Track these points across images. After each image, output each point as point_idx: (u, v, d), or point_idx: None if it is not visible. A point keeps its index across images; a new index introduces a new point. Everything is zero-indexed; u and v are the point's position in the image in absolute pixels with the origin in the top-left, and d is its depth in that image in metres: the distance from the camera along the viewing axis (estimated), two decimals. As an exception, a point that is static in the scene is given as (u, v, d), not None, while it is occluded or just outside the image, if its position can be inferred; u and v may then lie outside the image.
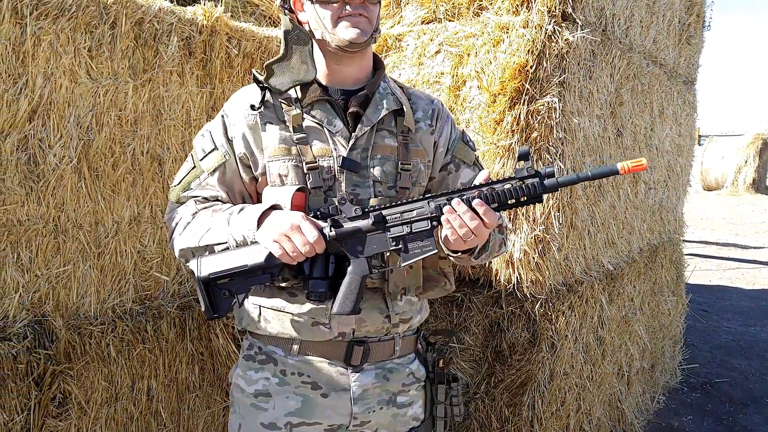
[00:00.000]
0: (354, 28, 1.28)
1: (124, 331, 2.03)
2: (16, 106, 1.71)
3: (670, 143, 3.68)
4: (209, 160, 1.33)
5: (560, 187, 1.21)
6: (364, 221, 1.24)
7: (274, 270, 1.23)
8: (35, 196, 1.80)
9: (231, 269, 1.21)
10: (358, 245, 1.24)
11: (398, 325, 1.38)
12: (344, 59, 1.34)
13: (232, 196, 1.36)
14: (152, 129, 2.08)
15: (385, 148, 1.36)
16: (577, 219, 2.50)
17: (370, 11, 1.30)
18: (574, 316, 2.54)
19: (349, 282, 1.23)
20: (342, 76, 1.37)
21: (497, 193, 1.21)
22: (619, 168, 1.16)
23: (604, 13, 2.57)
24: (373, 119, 1.35)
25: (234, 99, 1.38)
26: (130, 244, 2.06)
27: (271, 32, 2.45)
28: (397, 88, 1.45)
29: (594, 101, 2.57)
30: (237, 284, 1.23)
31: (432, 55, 2.54)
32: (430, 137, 1.43)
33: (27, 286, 1.80)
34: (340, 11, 1.28)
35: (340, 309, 1.22)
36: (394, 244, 1.24)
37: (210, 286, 1.23)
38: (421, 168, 1.40)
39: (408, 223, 1.23)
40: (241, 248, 1.23)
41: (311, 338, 1.32)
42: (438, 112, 1.47)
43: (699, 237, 10.85)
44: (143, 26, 2.02)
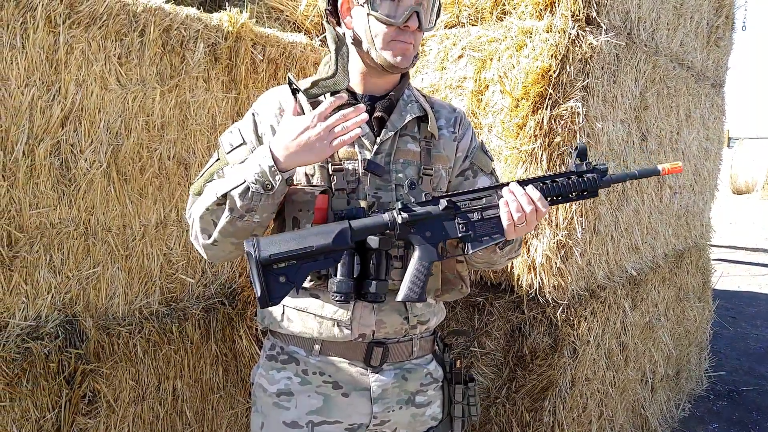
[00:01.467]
0: (401, 55, 1.32)
1: (151, 332, 2.08)
2: (50, 113, 1.76)
3: (696, 147, 3.62)
4: (237, 153, 1.34)
5: (613, 183, 1.30)
6: (434, 206, 1.25)
7: (339, 254, 1.19)
8: (67, 199, 1.85)
9: (293, 251, 1.14)
10: (427, 230, 1.25)
11: (416, 326, 1.40)
12: (378, 74, 1.38)
13: None
14: (179, 134, 2.12)
15: (407, 153, 1.39)
16: (600, 224, 2.49)
17: (416, 38, 1.34)
18: (596, 321, 2.52)
19: (417, 268, 1.24)
20: (372, 85, 1.41)
21: (560, 184, 1.27)
22: (660, 169, 1.29)
23: (630, 16, 2.55)
24: (398, 125, 1.38)
25: (264, 98, 1.41)
26: (156, 247, 2.11)
27: (295, 38, 2.48)
28: (420, 96, 1.48)
29: (618, 105, 2.55)
30: (297, 269, 1.15)
31: (455, 59, 2.54)
32: (452, 144, 1.46)
33: (59, 287, 1.86)
34: (394, 34, 1.31)
35: (409, 295, 1.23)
36: (463, 230, 1.26)
37: (267, 269, 1.13)
38: (443, 174, 1.43)
39: (478, 210, 1.26)
40: (303, 230, 1.20)
41: (332, 339, 1.34)
42: (460, 120, 1.51)
43: (728, 242, 10.64)
44: (171, 33, 2.06)
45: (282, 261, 1.13)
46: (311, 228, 1.20)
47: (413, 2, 1.31)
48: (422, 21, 1.32)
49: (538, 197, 1.24)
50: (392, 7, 1.30)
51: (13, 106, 1.68)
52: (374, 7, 1.30)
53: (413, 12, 1.29)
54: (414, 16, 1.30)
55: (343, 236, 1.17)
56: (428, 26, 1.36)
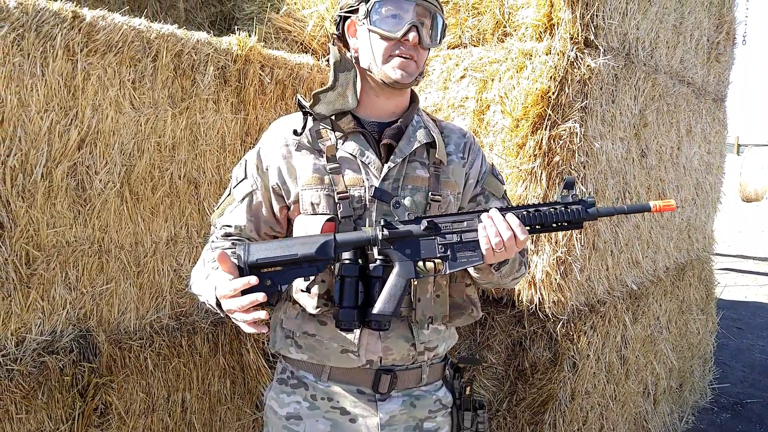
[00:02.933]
0: (402, 70, 1.34)
1: (161, 345, 2.15)
2: (67, 136, 1.84)
3: (698, 161, 3.66)
4: (240, 188, 1.41)
5: (599, 216, 1.31)
6: (416, 226, 1.29)
7: (322, 264, 1.24)
8: (82, 219, 1.93)
9: (280, 257, 1.21)
10: (407, 248, 1.29)
11: (424, 353, 1.41)
12: (384, 93, 1.40)
13: (257, 224, 1.42)
14: (189, 154, 2.20)
15: (416, 179, 1.41)
16: (599, 240, 2.54)
17: (420, 55, 1.37)
18: (596, 335, 2.57)
19: (394, 283, 1.26)
20: (378, 109, 1.43)
21: (543, 213, 1.29)
22: (651, 206, 1.29)
23: (627, 37, 2.61)
24: (406, 151, 1.40)
25: (271, 130, 1.45)
26: (167, 263, 2.18)
27: (302, 59, 2.56)
28: (429, 121, 1.50)
29: (617, 124, 2.60)
30: (282, 274, 1.22)
31: (457, 79, 2.61)
32: (461, 169, 1.48)
33: (74, 303, 1.93)
34: (394, 49, 1.34)
35: (382, 309, 1.24)
36: (442, 251, 1.29)
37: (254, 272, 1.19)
38: (451, 199, 1.44)
39: (458, 232, 1.29)
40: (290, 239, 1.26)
41: (340, 365, 1.37)
42: (470, 145, 1.52)
43: (736, 250, 10.60)
44: (182, 57, 2.15)
45: (268, 265, 1.21)
46: (299, 238, 1.26)
47: (414, 17, 1.34)
48: (422, 36, 1.34)
49: (516, 224, 1.26)
50: (392, 22, 1.34)
51: (32, 131, 1.76)
52: (374, 23, 1.34)
53: (412, 26, 1.32)
54: (413, 30, 1.32)
55: (325, 247, 1.23)
56: (431, 44, 1.39)
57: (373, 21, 1.34)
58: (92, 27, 1.84)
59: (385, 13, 1.34)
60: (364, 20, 1.35)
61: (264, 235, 1.43)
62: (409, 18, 1.33)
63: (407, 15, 1.34)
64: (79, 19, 1.79)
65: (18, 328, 1.82)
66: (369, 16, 1.34)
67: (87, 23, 1.82)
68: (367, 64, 1.37)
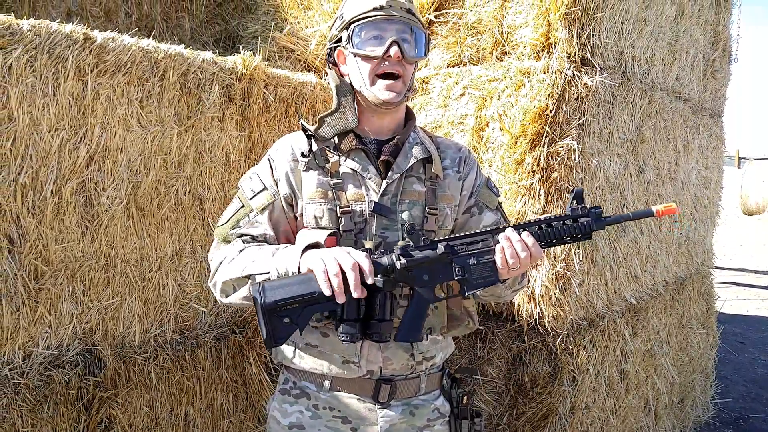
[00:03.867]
0: (389, 90, 1.40)
1: (165, 359, 2.18)
2: (77, 154, 1.89)
3: (696, 176, 3.70)
4: (259, 199, 1.44)
5: (607, 225, 1.37)
6: (433, 251, 1.32)
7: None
8: (90, 234, 1.97)
9: (298, 296, 1.21)
10: (425, 274, 1.32)
11: (422, 362, 1.46)
12: (378, 112, 1.46)
13: (277, 235, 1.46)
14: (194, 170, 2.25)
15: (413, 193, 1.46)
16: (597, 255, 2.57)
17: (406, 70, 1.42)
18: (595, 350, 2.59)
19: (415, 310, 1.31)
20: (376, 127, 1.49)
21: (555, 229, 1.34)
22: (654, 210, 1.34)
23: (624, 56, 2.66)
24: (403, 167, 1.45)
25: (279, 144, 1.51)
26: (171, 278, 2.22)
27: (306, 77, 2.62)
28: (426, 137, 1.55)
29: (614, 140, 2.65)
30: (300, 312, 1.22)
31: (457, 97, 2.66)
32: (457, 183, 1.54)
33: (80, 317, 1.97)
34: (379, 67, 1.40)
35: (406, 336, 1.30)
36: (459, 274, 1.33)
37: (272, 314, 1.21)
38: (448, 212, 1.50)
39: (474, 254, 1.33)
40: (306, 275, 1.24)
41: (342, 375, 1.42)
42: (465, 159, 1.57)
43: (737, 264, 10.60)
44: (188, 76, 2.20)
45: (286, 305, 1.22)
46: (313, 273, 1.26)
47: (394, 34, 1.39)
48: (404, 50, 1.39)
49: (532, 243, 1.31)
50: (374, 43, 1.40)
51: (43, 149, 1.81)
52: (357, 46, 1.41)
53: (393, 42, 1.38)
54: (394, 45, 1.38)
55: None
56: (415, 56, 1.44)
57: (356, 44, 1.41)
58: (102, 48, 1.89)
59: (365, 36, 1.41)
60: (348, 45, 1.42)
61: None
62: (389, 36, 1.40)
63: (387, 33, 1.40)
64: (90, 41, 1.85)
65: (25, 342, 1.85)
66: (351, 41, 1.41)
67: (98, 45, 1.87)
68: (358, 86, 1.44)
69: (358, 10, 1.41)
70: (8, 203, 1.76)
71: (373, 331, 1.29)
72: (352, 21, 1.42)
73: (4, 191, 1.74)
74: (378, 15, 1.39)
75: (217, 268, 1.42)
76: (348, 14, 1.44)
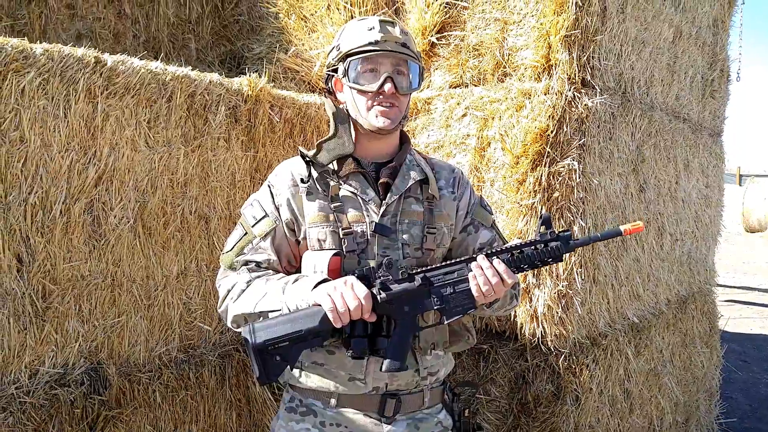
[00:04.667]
0: (384, 117, 1.46)
1: (169, 378, 2.19)
2: (85, 174, 1.92)
3: (697, 195, 3.73)
4: (261, 225, 1.49)
5: (576, 247, 1.41)
6: (411, 283, 1.37)
7: (327, 334, 1.32)
8: (97, 253, 1.99)
9: (286, 335, 1.28)
10: (405, 305, 1.37)
11: (426, 378, 1.50)
12: (374, 138, 1.52)
13: (280, 259, 1.50)
14: (200, 190, 2.28)
15: (412, 213, 1.51)
16: (599, 274, 2.58)
17: (400, 101, 1.48)
18: (598, 369, 2.59)
19: (399, 340, 1.35)
20: (373, 151, 1.54)
21: (526, 254, 1.39)
22: (621, 230, 1.39)
23: (623, 77, 2.71)
24: (402, 188, 1.50)
25: (278, 171, 1.55)
26: (177, 297, 2.24)
27: (310, 98, 2.66)
28: (421, 159, 1.61)
29: (615, 160, 2.68)
30: (290, 349, 1.29)
31: (459, 117, 2.70)
32: (452, 203, 1.59)
33: (86, 336, 1.98)
34: (374, 100, 1.46)
35: (391, 366, 1.33)
36: (438, 303, 1.38)
37: (263, 352, 1.28)
38: (445, 231, 1.55)
39: (451, 283, 1.38)
40: (293, 313, 1.33)
41: (348, 392, 1.45)
42: (458, 179, 1.63)
43: (740, 282, 10.57)
44: (195, 98, 2.24)
45: (276, 344, 1.29)
46: (301, 311, 1.32)
47: (389, 69, 1.45)
48: (398, 85, 1.45)
49: (503, 269, 1.36)
50: (368, 77, 1.46)
51: (53, 169, 1.84)
52: (353, 80, 1.47)
53: (387, 77, 1.44)
54: (389, 81, 1.44)
55: (327, 319, 1.29)
56: (409, 89, 1.50)
57: (352, 78, 1.46)
58: (113, 71, 1.93)
59: (361, 69, 1.46)
60: (344, 78, 1.47)
61: (283, 269, 1.51)
62: (384, 70, 1.45)
63: (381, 68, 1.46)
64: (101, 63, 1.89)
65: (32, 361, 1.86)
66: (347, 74, 1.47)
67: (108, 67, 1.92)
68: (354, 115, 1.50)
69: (354, 43, 1.46)
70: (18, 223, 1.79)
71: (380, 348, 1.34)
72: (348, 54, 1.47)
73: (14, 211, 1.77)
74: (373, 50, 1.44)
75: (225, 296, 1.47)
76: (344, 46, 1.48)
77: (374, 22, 1.47)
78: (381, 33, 1.45)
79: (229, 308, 1.45)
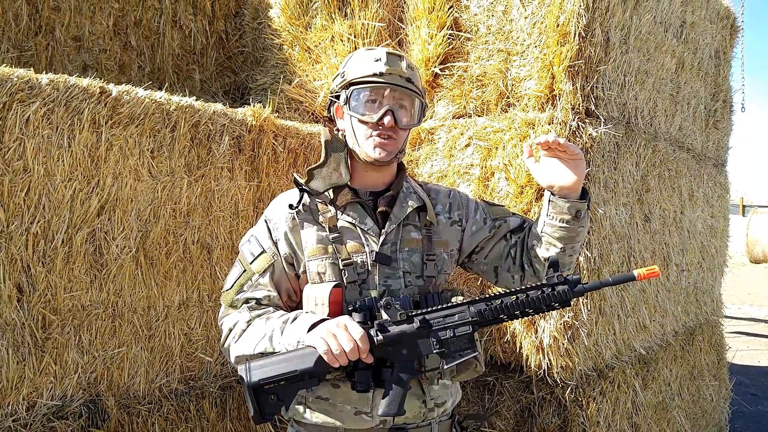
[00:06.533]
0: (381, 149, 1.45)
1: (169, 410, 2.15)
2: (88, 204, 1.92)
3: (702, 225, 3.71)
4: (259, 262, 1.47)
5: (586, 291, 1.35)
6: (409, 325, 1.32)
7: (323, 375, 1.29)
8: (98, 283, 1.97)
9: (280, 375, 1.26)
10: (403, 348, 1.32)
11: (433, 409, 1.45)
12: (370, 168, 1.51)
13: (280, 294, 1.48)
14: (203, 220, 2.27)
15: (411, 241, 1.50)
16: (605, 305, 2.55)
17: (399, 135, 1.48)
18: (605, 401, 2.54)
19: (396, 384, 1.31)
20: (370, 181, 1.53)
21: (531, 299, 1.33)
22: (635, 275, 1.32)
23: (627, 107, 2.71)
24: (400, 216, 1.49)
25: (274, 204, 1.54)
26: (178, 327, 2.21)
27: (314, 128, 2.67)
28: (417, 186, 1.60)
29: (619, 190, 2.67)
30: (285, 389, 1.27)
31: (462, 147, 2.70)
32: (450, 228, 1.57)
33: (85, 367, 1.95)
34: (372, 131, 1.45)
35: (387, 411, 1.29)
36: (437, 347, 1.32)
37: (259, 391, 1.27)
38: (445, 257, 1.53)
39: (451, 327, 1.33)
40: (290, 353, 1.30)
41: (354, 426, 1.41)
42: (456, 203, 1.60)
43: (746, 313, 10.44)
44: (199, 128, 2.25)
45: (271, 383, 1.27)
46: (296, 351, 1.29)
47: (391, 102, 1.45)
48: (398, 119, 1.44)
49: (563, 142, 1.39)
50: (370, 107, 1.45)
51: (56, 199, 1.84)
52: (353, 109, 1.46)
53: (387, 110, 1.43)
54: (389, 114, 1.43)
55: (322, 360, 1.27)
56: (408, 125, 1.49)
57: (353, 107, 1.46)
58: (117, 101, 1.94)
59: (363, 99, 1.46)
60: (345, 106, 1.47)
61: (284, 304, 1.49)
62: (385, 102, 1.45)
63: (384, 100, 1.45)
64: (105, 94, 1.91)
65: (30, 393, 1.83)
66: (348, 102, 1.46)
67: (113, 97, 1.93)
68: (351, 144, 1.49)
69: (359, 72, 1.46)
70: (19, 252, 1.78)
71: (385, 379, 1.31)
72: (351, 82, 1.47)
73: (16, 240, 1.76)
74: (376, 81, 1.44)
75: (227, 334, 1.45)
76: (350, 74, 1.48)
77: (382, 54, 1.47)
78: (387, 65, 1.45)
79: (231, 348, 1.43)
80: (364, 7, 3.04)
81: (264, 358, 1.32)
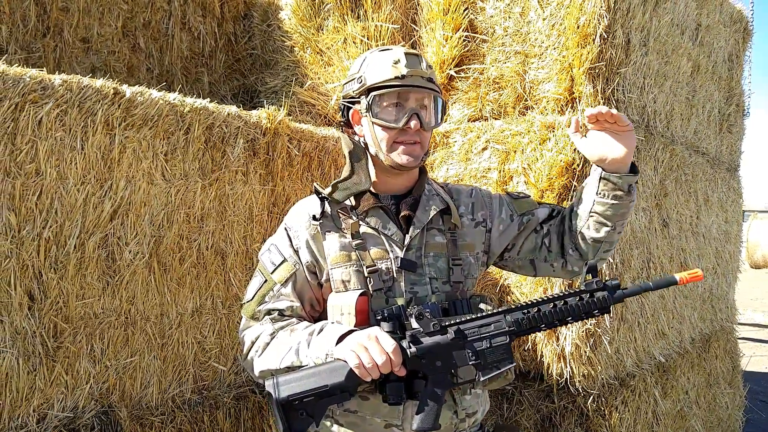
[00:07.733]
0: (407, 155, 1.38)
1: (182, 421, 2.08)
2: (101, 208, 1.86)
3: (716, 230, 3.66)
4: (280, 271, 1.41)
5: (626, 297, 1.29)
6: (443, 336, 1.26)
7: (354, 390, 1.22)
8: (110, 290, 1.91)
9: (311, 391, 1.20)
10: (437, 360, 1.25)
11: (465, 419, 1.40)
12: (393, 173, 1.45)
13: (303, 304, 1.42)
14: (217, 225, 2.21)
15: (436, 245, 1.43)
16: (627, 312, 2.50)
17: (423, 137, 1.41)
18: (627, 411, 2.48)
19: (430, 398, 1.24)
20: (392, 185, 1.47)
21: (570, 306, 1.27)
22: (677, 279, 1.26)
23: (646, 110, 2.67)
24: (424, 220, 1.43)
25: (294, 212, 1.48)
26: (191, 335, 2.15)
27: (328, 132, 2.61)
28: (439, 188, 1.54)
29: (639, 194, 2.61)
30: (315, 405, 1.21)
31: (479, 151, 2.65)
32: (474, 230, 1.51)
33: (97, 377, 1.89)
34: (398, 136, 1.39)
35: (423, 426, 1.23)
36: (473, 358, 1.26)
37: (288, 408, 1.20)
38: (471, 261, 1.47)
39: (487, 337, 1.26)
40: (319, 367, 1.23)
41: None
42: (478, 202, 1.54)
43: (750, 319, 10.37)
44: (213, 130, 2.19)
45: (300, 399, 1.19)
46: (326, 365, 1.22)
47: (414, 104, 1.39)
48: (423, 121, 1.38)
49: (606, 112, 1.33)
50: (393, 112, 1.38)
51: (69, 203, 1.78)
52: (376, 115, 1.38)
53: (413, 114, 1.37)
54: (414, 118, 1.37)
55: (353, 373, 1.20)
56: (433, 125, 1.43)
57: (375, 113, 1.39)
58: (131, 102, 1.89)
59: (386, 104, 1.39)
60: (367, 113, 1.40)
61: (307, 314, 1.43)
62: (409, 106, 1.39)
63: (407, 103, 1.39)
64: (119, 95, 1.85)
65: (40, 404, 1.77)
66: (371, 109, 1.39)
67: (126, 99, 1.87)
68: (374, 151, 1.42)
69: (379, 77, 1.39)
70: (31, 258, 1.72)
71: (418, 390, 1.25)
72: (372, 88, 1.40)
73: (27, 246, 1.70)
74: (399, 85, 1.38)
75: (249, 347, 1.38)
76: (368, 78, 1.41)
77: (400, 54, 1.40)
78: (408, 68, 1.38)
79: (255, 363, 1.36)
80: (377, 8, 2.99)
81: (291, 372, 1.25)
